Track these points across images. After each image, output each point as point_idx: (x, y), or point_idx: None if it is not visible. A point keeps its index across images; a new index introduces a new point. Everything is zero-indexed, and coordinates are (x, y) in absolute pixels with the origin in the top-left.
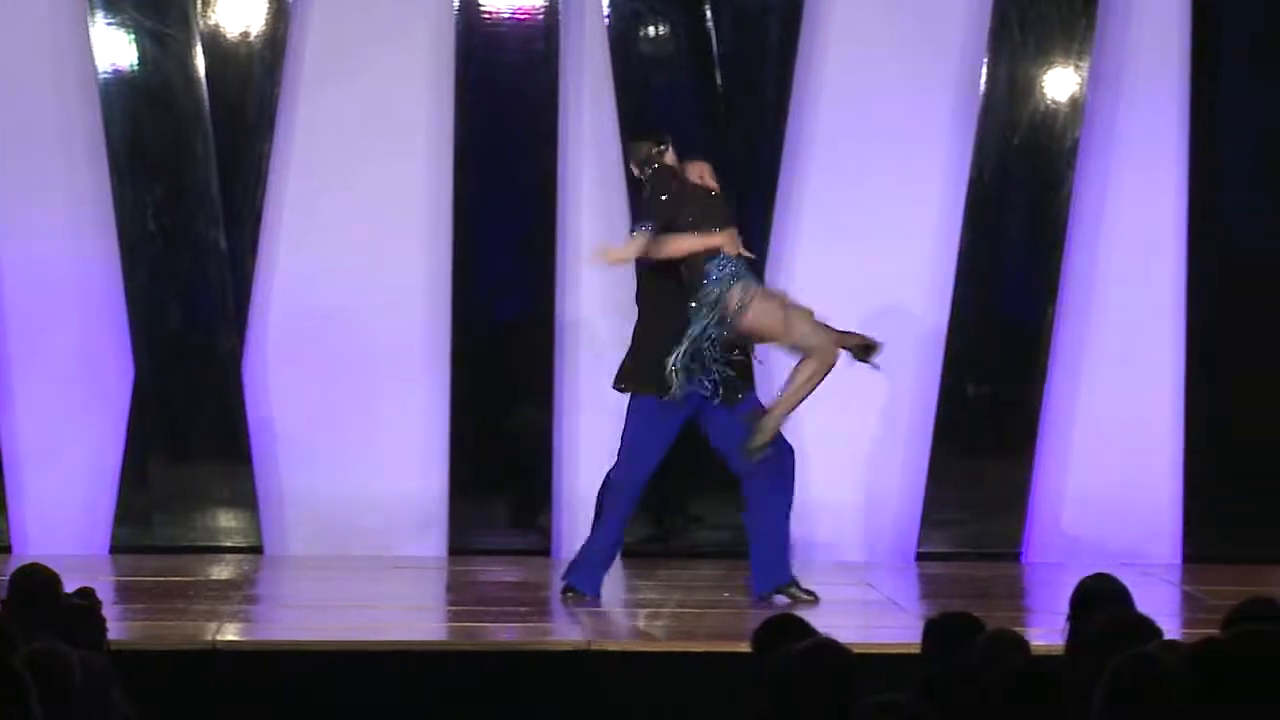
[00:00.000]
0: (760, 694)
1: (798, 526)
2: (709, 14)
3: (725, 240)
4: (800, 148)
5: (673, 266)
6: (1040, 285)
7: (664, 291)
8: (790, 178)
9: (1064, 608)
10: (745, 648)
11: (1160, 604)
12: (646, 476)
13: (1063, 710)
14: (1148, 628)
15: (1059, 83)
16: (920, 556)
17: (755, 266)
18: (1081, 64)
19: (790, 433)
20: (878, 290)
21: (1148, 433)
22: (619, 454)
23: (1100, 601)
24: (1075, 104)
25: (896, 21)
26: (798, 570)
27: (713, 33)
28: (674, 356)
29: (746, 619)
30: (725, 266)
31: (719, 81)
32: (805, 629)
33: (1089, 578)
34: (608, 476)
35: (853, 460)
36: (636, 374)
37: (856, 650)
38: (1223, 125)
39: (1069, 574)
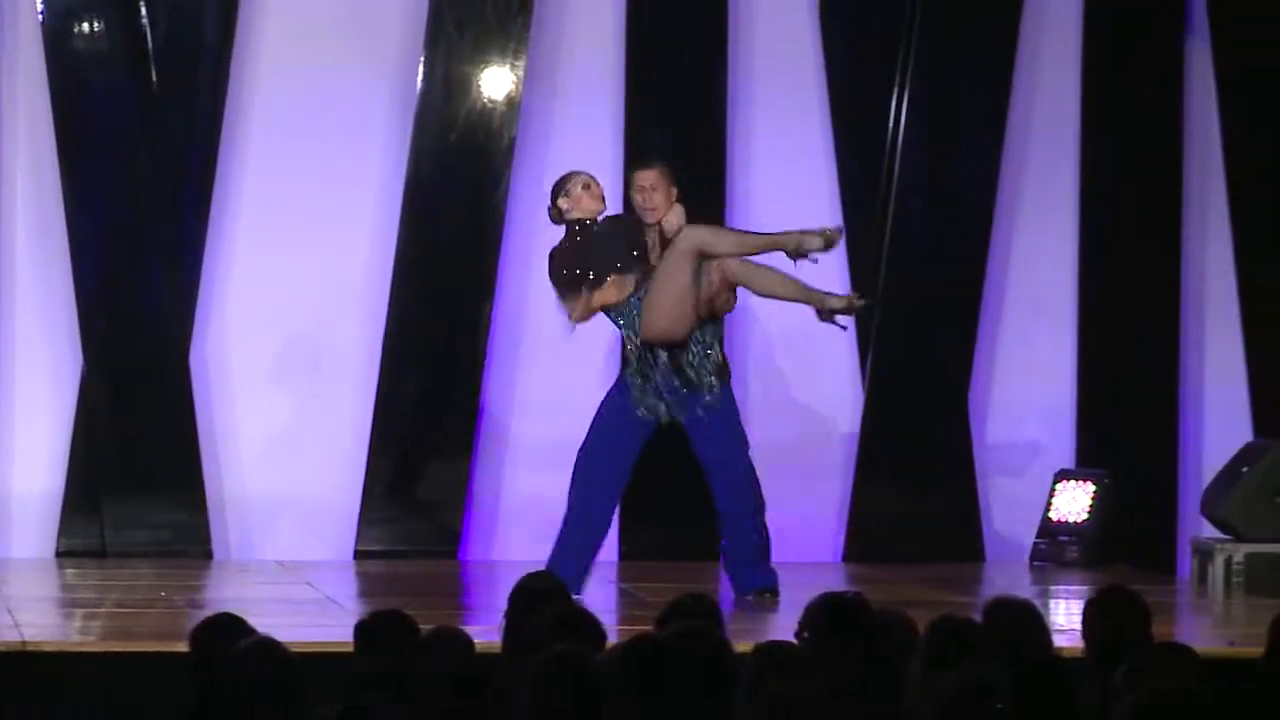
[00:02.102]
0: (199, 694)
1: (215, 525)
2: (144, 11)
3: (605, 294)
4: (237, 146)
5: None
6: (478, 283)
7: None
8: (226, 176)
9: (502, 605)
10: (184, 647)
11: (598, 601)
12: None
13: (502, 708)
14: (590, 625)
15: (496, 81)
16: (359, 555)
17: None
18: (518, 63)
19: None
20: (315, 289)
21: (578, 430)
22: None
23: (539, 599)
24: (512, 103)
25: (333, 18)
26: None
27: (148, 30)
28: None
29: (185, 618)
30: (619, 319)
31: (155, 79)
32: (244, 628)
33: (528, 575)
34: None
35: (288, 457)
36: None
37: (295, 649)
38: (655, 125)
39: (506, 572)
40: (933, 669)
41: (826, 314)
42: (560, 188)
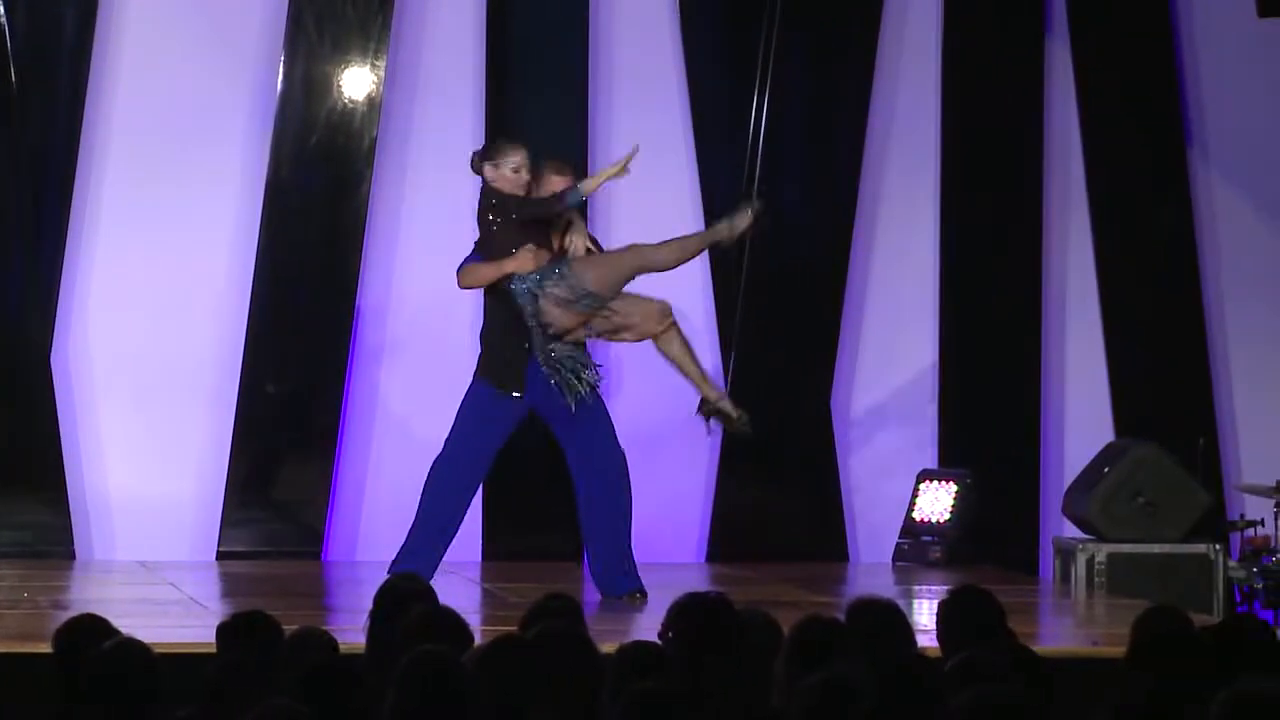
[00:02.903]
0: (63, 695)
1: (78, 526)
2: (2, 8)
3: (519, 262)
4: (96, 146)
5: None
6: (340, 283)
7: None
8: (87, 176)
9: (366, 605)
10: (47, 648)
11: (462, 601)
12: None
13: (366, 709)
14: (456, 625)
15: (356, 81)
16: (221, 555)
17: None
18: (378, 62)
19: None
20: (176, 290)
21: (440, 430)
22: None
23: (404, 600)
24: (373, 102)
25: (192, 19)
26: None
27: (6, 28)
28: (547, 362)
29: (48, 619)
30: (521, 284)
31: (14, 78)
32: (107, 629)
33: (394, 576)
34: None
35: (151, 458)
36: (486, 364)
37: (158, 650)
38: (517, 124)
39: (370, 572)
40: (797, 669)
41: (709, 409)
42: (495, 154)
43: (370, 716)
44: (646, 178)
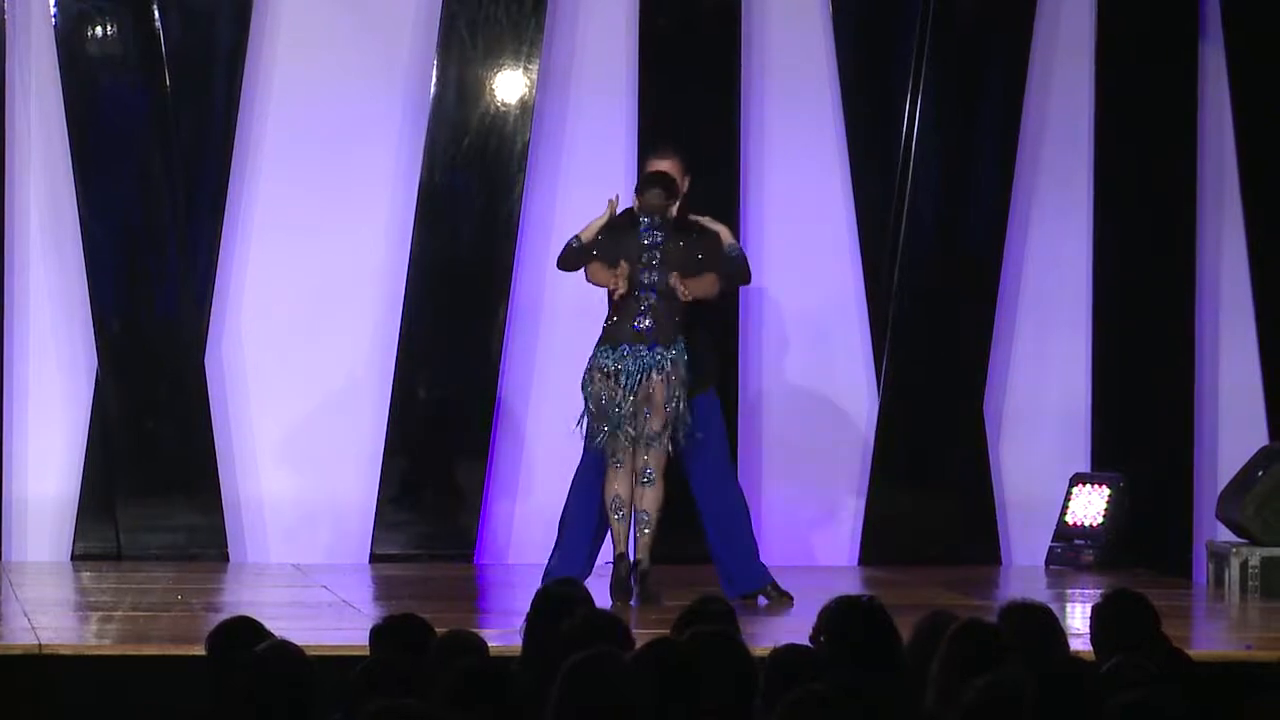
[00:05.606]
0: (215, 697)
1: (231, 528)
2: (157, 14)
3: None
4: (250, 150)
5: None
6: (493, 286)
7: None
8: (240, 181)
9: (518, 608)
10: (200, 650)
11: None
12: None
13: (517, 710)
14: (615, 628)
15: (509, 85)
16: (374, 558)
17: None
18: (531, 66)
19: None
20: (330, 293)
21: None
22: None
23: (562, 605)
24: (525, 105)
25: (345, 22)
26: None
27: (161, 33)
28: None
29: (201, 622)
30: None
31: (168, 82)
32: (260, 632)
33: (552, 581)
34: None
35: (304, 461)
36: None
37: (310, 652)
38: (668, 125)
39: (522, 575)
40: (955, 673)
41: None
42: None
43: (521, 718)
44: (798, 173)
